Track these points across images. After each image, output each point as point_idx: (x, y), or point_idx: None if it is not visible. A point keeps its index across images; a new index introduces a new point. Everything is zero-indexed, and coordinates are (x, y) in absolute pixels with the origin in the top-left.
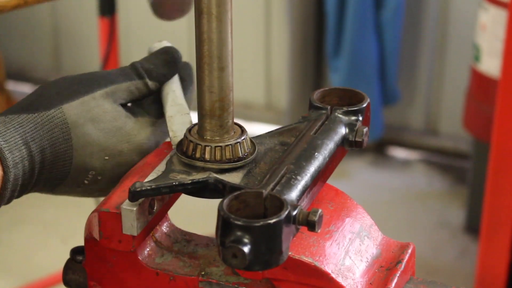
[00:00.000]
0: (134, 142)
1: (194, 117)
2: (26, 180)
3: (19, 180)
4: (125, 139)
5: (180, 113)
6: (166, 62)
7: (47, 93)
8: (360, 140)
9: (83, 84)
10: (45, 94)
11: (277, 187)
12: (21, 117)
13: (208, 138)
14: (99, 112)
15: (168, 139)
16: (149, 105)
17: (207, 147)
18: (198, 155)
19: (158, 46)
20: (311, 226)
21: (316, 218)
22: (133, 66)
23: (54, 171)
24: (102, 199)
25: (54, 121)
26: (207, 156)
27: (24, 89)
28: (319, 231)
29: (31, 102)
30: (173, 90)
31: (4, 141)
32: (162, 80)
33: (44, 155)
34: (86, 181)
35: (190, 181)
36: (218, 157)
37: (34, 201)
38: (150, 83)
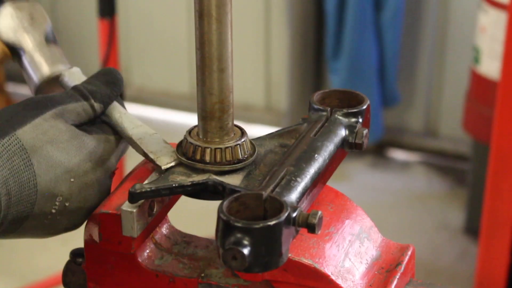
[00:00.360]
0: (97, 159)
1: (194, 120)
2: None
3: None
4: (87, 158)
5: (148, 134)
6: (108, 83)
7: None
8: (360, 142)
9: (30, 108)
10: None
11: (277, 189)
12: None
13: (208, 140)
14: (55, 132)
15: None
16: (97, 125)
17: (207, 149)
18: (198, 157)
19: (69, 74)
20: (311, 228)
21: (315, 220)
22: (76, 88)
23: (21, 203)
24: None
25: (11, 149)
26: (207, 158)
27: (23, 91)
28: (319, 233)
29: None
30: (124, 112)
31: None
32: (107, 101)
33: (8, 186)
34: (53, 210)
35: (190, 183)
36: (218, 159)
37: None
38: (95, 104)
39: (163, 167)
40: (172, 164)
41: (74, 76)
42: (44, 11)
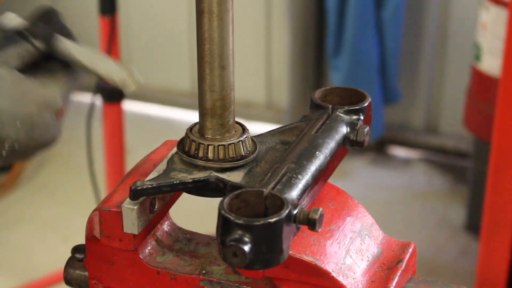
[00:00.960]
0: (42, 102)
1: (195, 117)
2: None
3: None
4: (31, 100)
5: (95, 55)
6: (47, 21)
7: None
8: (361, 139)
9: None
10: None
11: (278, 186)
12: None
13: (210, 137)
14: None
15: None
16: (44, 65)
17: (210, 146)
18: (199, 154)
19: (7, 19)
20: (312, 225)
21: (316, 217)
22: (14, 30)
23: None
24: (102, 197)
25: None
26: (209, 155)
27: None
28: (319, 230)
29: None
30: (68, 42)
31: None
32: (48, 38)
33: None
34: (4, 153)
35: (191, 180)
36: (220, 156)
37: (35, 200)
38: (37, 43)
39: (117, 83)
40: (124, 81)
41: (14, 21)
42: None
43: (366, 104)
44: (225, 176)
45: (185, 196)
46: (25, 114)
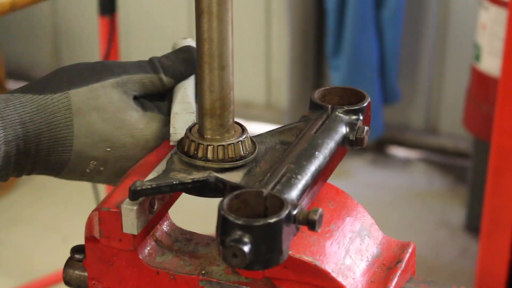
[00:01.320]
0: (139, 136)
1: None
2: (22, 160)
3: (12, 158)
4: (129, 133)
5: (185, 111)
6: (184, 60)
7: (58, 77)
8: (361, 139)
9: (95, 72)
10: (56, 78)
11: (278, 186)
12: (26, 97)
13: (209, 137)
14: (105, 101)
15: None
16: (162, 102)
17: (209, 146)
18: (199, 154)
19: (181, 43)
20: (311, 225)
21: (316, 217)
22: (150, 60)
23: (53, 156)
24: (102, 197)
25: (58, 105)
26: (209, 155)
27: None
28: (319, 230)
29: (41, 83)
30: (185, 87)
31: (0, 118)
32: (178, 77)
33: (40, 138)
34: (88, 170)
35: (190, 180)
36: (220, 156)
37: (34, 200)
38: (165, 78)
39: (172, 143)
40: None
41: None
42: None
43: (365, 104)
44: (225, 176)
45: (184, 196)
46: (118, 143)
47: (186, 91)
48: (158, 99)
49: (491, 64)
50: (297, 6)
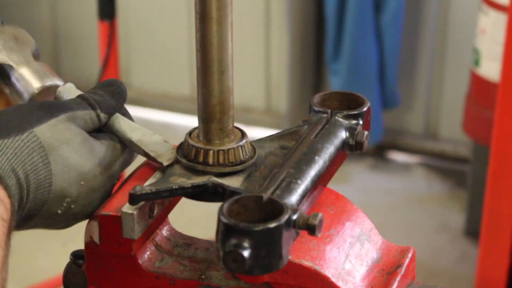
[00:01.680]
0: (105, 165)
1: (194, 122)
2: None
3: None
4: (98, 162)
5: (147, 135)
6: (113, 94)
7: (11, 118)
8: (361, 144)
9: (45, 110)
10: (9, 119)
11: (277, 191)
12: None
13: (209, 141)
14: (70, 134)
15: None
16: (102, 134)
17: (209, 151)
18: (199, 159)
19: (63, 91)
20: (311, 230)
21: (316, 222)
22: (83, 97)
23: (35, 201)
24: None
25: (30, 145)
26: (209, 160)
27: None
28: (319, 235)
29: (1, 126)
30: (122, 118)
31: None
32: (111, 112)
33: (28, 183)
34: (59, 211)
35: (190, 185)
36: (219, 160)
37: None
38: (101, 115)
39: (164, 164)
40: (173, 160)
41: (70, 91)
42: (27, 33)
43: (365, 109)
44: (224, 181)
45: (184, 201)
46: (91, 174)
47: (125, 120)
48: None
49: (490, 69)
50: (297, 11)
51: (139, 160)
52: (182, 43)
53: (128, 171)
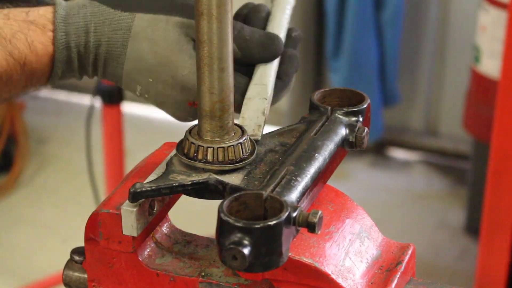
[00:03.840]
0: (178, 79)
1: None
2: (84, 63)
3: (75, 61)
4: (171, 73)
5: (259, 96)
6: (260, 44)
7: None
8: (360, 141)
9: (170, 4)
10: None
11: (277, 189)
12: (100, 8)
13: (208, 139)
14: (161, 36)
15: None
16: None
17: (209, 148)
18: (199, 156)
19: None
20: (311, 227)
21: (316, 220)
22: (237, 14)
23: (109, 68)
24: (102, 199)
25: (121, 23)
26: (208, 157)
27: None
28: (319, 232)
29: None
30: (266, 65)
31: (67, 24)
32: (247, 55)
33: (99, 49)
34: (137, 93)
35: (190, 182)
36: (219, 158)
37: (34, 201)
38: (234, 46)
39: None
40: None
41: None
42: None
43: (365, 106)
44: (224, 178)
45: (184, 198)
46: (159, 78)
47: (265, 69)
48: None
49: (490, 66)
50: (297, 7)
51: (141, 156)
52: None
53: (129, 167)
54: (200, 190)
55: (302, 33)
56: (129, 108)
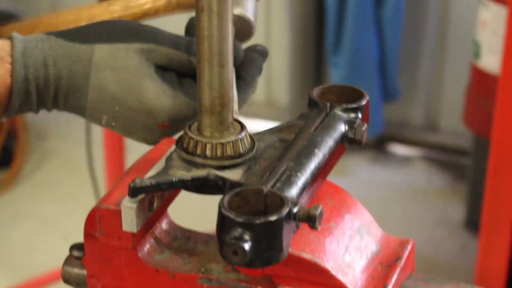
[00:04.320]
0: (145, 102)
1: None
2: (43, 98)
3: (34, 95)
4: (137, 98)
5: None
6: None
7: (92, 29)
8: (359, 137)
9: (127, 32)
10: (90, 29)
11: (278, 184)
12: (57, 41)
13: (208, 134)
14: (123, 64)
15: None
16: (187, 80)
17: (208, 144)
18: (198, 151)
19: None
20: (312, 222)
21: (317, 214)
22: (190, 40)
23: (71, 101)
24: (102, 195)
25: (81, 56)
26: (208, 152)
27: None
28: (319, 227)
29: (76, 31)
30: None
31: (26, 57)
32: None
33: (60, 82)
34: (103, 122)
35: (190, 178)
36: (219, 153)
37: (34, 197)
38: (195, 61)
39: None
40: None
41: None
42: None
43: (364, 103)
44: (224, 174)
45: (183, 194)
46: (125, 105)
47: None
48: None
49: (491, 62)
50: (297, 3)
51: (140, 152)
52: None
53: (129, 163)
54: (200, 186)
55: (268, 50)
56: None
